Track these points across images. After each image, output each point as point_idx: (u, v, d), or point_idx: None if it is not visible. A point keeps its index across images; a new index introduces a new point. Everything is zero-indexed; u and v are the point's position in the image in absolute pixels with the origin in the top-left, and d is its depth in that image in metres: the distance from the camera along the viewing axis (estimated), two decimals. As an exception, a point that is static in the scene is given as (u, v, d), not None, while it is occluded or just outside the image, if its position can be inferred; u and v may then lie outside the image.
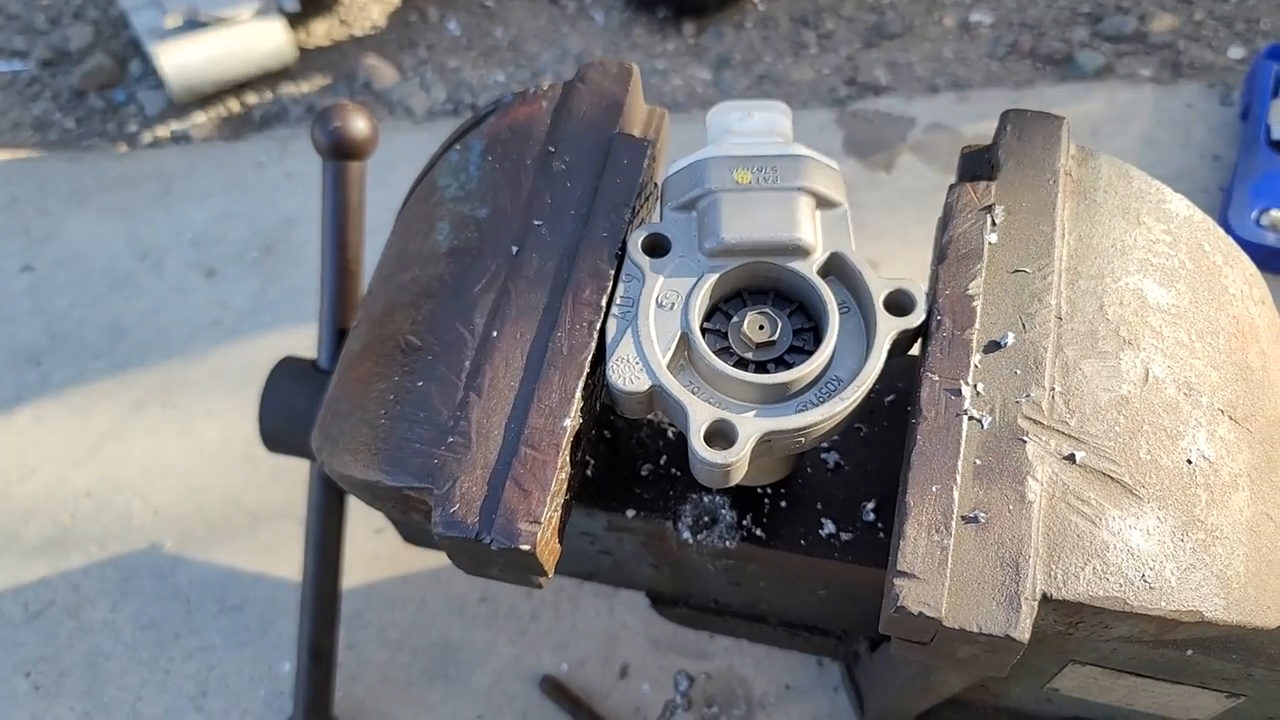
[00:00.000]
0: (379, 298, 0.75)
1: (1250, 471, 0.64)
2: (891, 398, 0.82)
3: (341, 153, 0.92)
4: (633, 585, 1.03)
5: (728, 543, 0.77)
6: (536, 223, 0.70)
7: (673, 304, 0.65)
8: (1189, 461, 0.62)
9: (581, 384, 0.63)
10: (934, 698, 0.87)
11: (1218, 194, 1.41)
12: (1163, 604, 0.58)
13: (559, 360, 0.64)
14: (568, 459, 0.63)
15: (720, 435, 0.61)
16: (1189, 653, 0.68)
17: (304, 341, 1.01)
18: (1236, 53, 1.56)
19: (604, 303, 0.66)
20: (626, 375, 0.62)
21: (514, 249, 0.70)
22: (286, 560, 1.20)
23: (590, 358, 0.64)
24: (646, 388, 0.62)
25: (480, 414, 0.64)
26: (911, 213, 1.40)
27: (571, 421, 0.63)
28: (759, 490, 0.79)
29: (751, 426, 0.61)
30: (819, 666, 1.10)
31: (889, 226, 1.40)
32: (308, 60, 1.68)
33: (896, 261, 1.35)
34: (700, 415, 0.61)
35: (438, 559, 1.18)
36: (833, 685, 1.09)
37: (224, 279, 1.44)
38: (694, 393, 0.63)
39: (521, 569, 0.63)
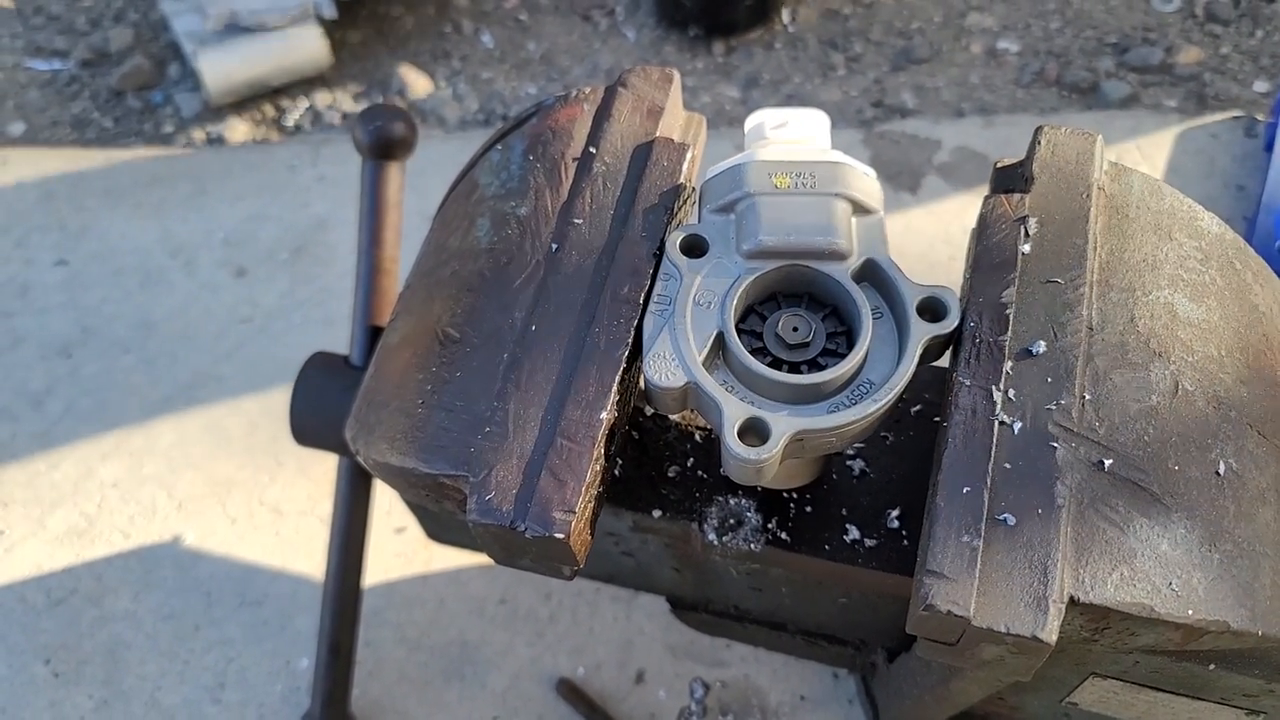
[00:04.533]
0: (418, 291, 0.76)
1: (1278, 486, 0.64)
2: (918, 408, 0.83)
3: (382, 152, 0.93)
4: (654, 589, 1.03)
5: (753, 545, 0.77)
6: (576, 221, 0.71)
7: (709, 303, 0.66)
8: (1217, 474, 0.62)
9: (618, 379, 0.65)
10: (951, 708, 0.87)
11: (1241, 223, 1.42)
12: (1189, 612, 0.58)
13: (596, 355, 0.65)
14: (602, 451, 0.64)
15: (753, 432, 0.62)
16: (1211, 667, 0.69)
17: (331, 342, 1.03)
18: (1261, 86, 1.57)
19: (641, 300, 0.67)
20: (663, 371, 0.63)
21: (553, 246, 0.71)
22: (307, 556, 1.21)
23: (627, 353, 0.65)
24: (682, 384, 0.63)
25: (517, 405, 0.65)
26: (936, 232, 1.41)
27: (607, 415, 0.64)
28: (785, 494, 0.79)
29: (784, 425, 0.62)
30: (834, 678, 1.10)
31: (913, 246, 1.41)
32: (343, 68, 1.71)
33: (921, 280, 1.36)
34: (734, 411, 0.62)
35: (458, 559, 1.19)
36: (848, 697, 1.09)
37: (254, 278, 1.46)
38: (728, 390, 0.64)
39: (553, 558, 0.64)
